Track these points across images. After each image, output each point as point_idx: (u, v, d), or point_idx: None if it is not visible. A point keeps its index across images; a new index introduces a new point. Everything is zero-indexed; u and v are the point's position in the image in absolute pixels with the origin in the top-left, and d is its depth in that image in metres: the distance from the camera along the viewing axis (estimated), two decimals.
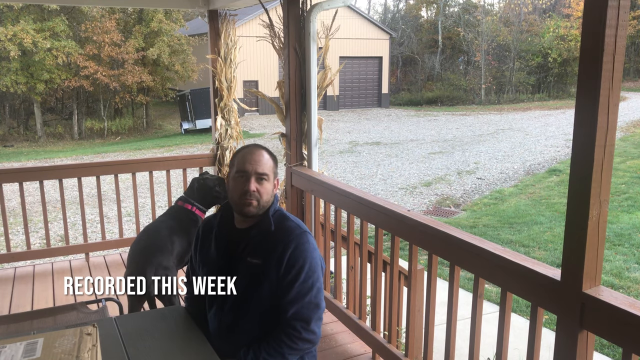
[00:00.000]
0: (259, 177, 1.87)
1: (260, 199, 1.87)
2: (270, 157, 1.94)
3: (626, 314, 1.50)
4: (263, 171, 1.88)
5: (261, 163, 1.88)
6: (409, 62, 37.15)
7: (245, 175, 1.87)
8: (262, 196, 1.87)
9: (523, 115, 24.28)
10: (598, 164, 1.52)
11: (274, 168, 1.94)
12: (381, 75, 30.24)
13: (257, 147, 1.94)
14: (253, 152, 1.91)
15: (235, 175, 1.90)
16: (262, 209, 1.90)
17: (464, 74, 33.88)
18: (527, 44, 32.31)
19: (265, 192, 1.88)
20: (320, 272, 1.90)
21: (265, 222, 1.90)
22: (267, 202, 1.90)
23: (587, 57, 1.50)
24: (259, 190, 1.87)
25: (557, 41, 30.95)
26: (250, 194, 1.85)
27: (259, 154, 1.91)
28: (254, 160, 1.88)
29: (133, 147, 18.78)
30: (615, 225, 8.07)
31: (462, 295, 3.89)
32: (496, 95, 31.67)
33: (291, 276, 1.84)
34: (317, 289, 1.87)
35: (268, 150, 1.96)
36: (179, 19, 23.35)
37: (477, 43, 32.29)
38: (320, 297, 1.88)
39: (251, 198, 1.86)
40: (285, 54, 3.59)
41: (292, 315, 1.83)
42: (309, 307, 1.84)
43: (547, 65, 31.53)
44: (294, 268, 1.84)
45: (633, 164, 12.55)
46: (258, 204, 1.87)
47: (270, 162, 1.92)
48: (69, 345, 1.37)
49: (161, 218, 3.18)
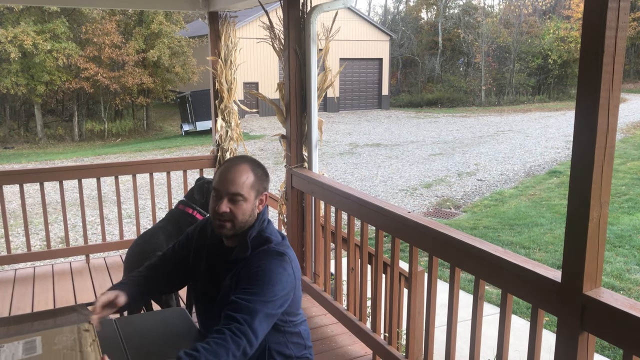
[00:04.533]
0: (232, 197, 1.75)
1: (235, 220, 1.76)
2: (252, 172, 1.79)
3: (627, 316, 1.50)
4: (236, 191, 1.75)
5: (235, 182, 1.75)
6: (409, 64, 37.18)
7: (218, 195, 1.77)
8: (237, 217, 1.76)
9: (523, 117, 24.29)
10: (598, 166, 1.52)
11: (256, 184, 1.80)
12: (381, 77, 30.27)
13: (236, 164, 1.80)
14: (229, 170, 1.78)
15: (212, 193, 1.80)
16: (240, 230, 1.79)
17: (464, 76, 33.91)
18: (527, 46, 32.34)
19: (240, 212, 1.76)
20: (278, 294, 1.70)
21: (242, 247, 1.80)
22: (243, 222, 1.78)
23: (587, 59, 1.50)
24: (232, 211, 1.75)
25: (557, 43, 30.98)
26: (221, 215, 1.75)
27: (236, 171, 1.77)
28: (229, 179, 1.76)
29: (133, 148, 18.79)
30: (616, 226, 8.07)
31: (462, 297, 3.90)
32: (496, 96, 31.69)
33: (245, 281, 1.72)
34: (262, 301, 1.67)
35: (252, 165, 1.82)
36: (180, 21, 23.38)
37: (477, 45, 32.32)
38: (260, 307, 1.66)
39: (223, 219, 1.76)
40: (285, 56, 3.60)
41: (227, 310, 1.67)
42: (246, 308, 1.64)
43: (547, 67, 31.56)
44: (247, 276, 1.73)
45: (633, 166, 12.55)
46: (233, 225, 1.77)
47: (250, 180, 1.77)
48: (69, 342, 1.37)
49: (160, 223, 3.18)
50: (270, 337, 1.84)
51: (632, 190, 10.36)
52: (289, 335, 1.90)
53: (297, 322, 1.93)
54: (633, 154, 14.00)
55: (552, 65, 31.23)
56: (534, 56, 31.89)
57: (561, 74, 31.75)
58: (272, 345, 1.86)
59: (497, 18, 35.66)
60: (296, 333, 1.93)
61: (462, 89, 32.23)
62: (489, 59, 32.12)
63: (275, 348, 1.87)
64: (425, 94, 33.08)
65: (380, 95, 30.48)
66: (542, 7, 36.82)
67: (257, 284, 1.69)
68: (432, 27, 38.45)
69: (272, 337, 1.84)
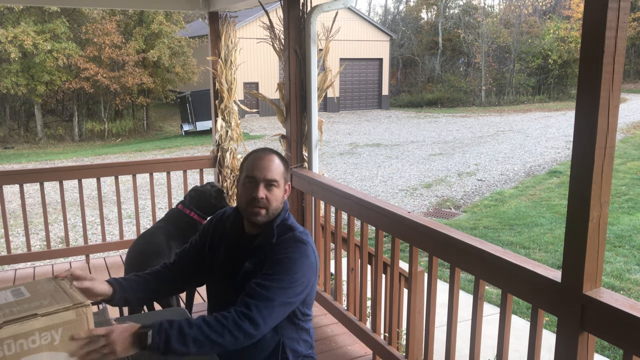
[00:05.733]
0: (268, 183, 1.80)
1: (269, 207, 1.81)
2: (282, 161, 1.87)
3: (627, 316, 1.50)
4: (273, 177, 1.81)
5: (271, 169, 1.81)
6: (409, 64, 37.18)
7: (253, 182, 1.80)
8: (271, 203, 1.81)
9: (523, 117, 24.29)
10: (598, 166, 1.52)
11: (285, 173, 1.87)
12: (381, 77, 30.27)
13: (267, 152, 1.87)
14: (262, 157, 1.84)
15: (244, 181, 1.83)
16: (272, 216, 1.84)
17: (464, 76, 33.91)
18: (527, 46, 32.34)
19: (274, 199, 1.81)
20: (299, 280, 1.74)
21: (268, 233, 1.84)
22: (276, 209, 1.84)
23: (587, 59, 1.50)
24: (267, 198, 1.80)
25: (558, 43, 30.98)
26: (259, 201, 1.79)
27: (269, 159, 1.84)
28: (263, 166, 1.81)
29: (133, 148, 18.79)
30: (616, 226, 8.07)
31: (462, 297, 3.90)
32: (496, 96, 31.69)
33: (267, 266, 1.76)
34: (280, 287, 1.70)
35: (279, 155, 1.89)
36: (180, 21, 23.38)
37: (478, 45, 32.32)
38: (277, 295, 1.69)
39: (260, 205, 1.79)
40: (285, 56, 3.60)
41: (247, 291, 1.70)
42: (260, 295, 1.67)
43: (548, 67, 31.55)
44: (273, 263, 1.76)
45: (633, 166, 12.55)
46: (267, 212, 1.81)
47: (281, 168, 1.85)
48: (50, 287, 1.47)
49: (159, 223, 3.19)
50: (286, 332, 1.86)
51: (632, 190, 10.36)
52: (300, 331, 1.92)
53: (309, 318, 1.97)
54: (633, 154, 14.00)
55: (552, 65, 31.23)
56: (534, 56, 31.89)
57: (561, 74, 31.75)
58: (286, 341, 1.88)
59: (497, 18, 35.66)
60: (306, 330, 1.96)
61: (462, 89, 32.23)
62: (489, 59, 32.12)
63: (289, 344, 1.89)
64: (426, 94, 33.08)
65: (380, 95, 30.48)
66: (542, 7, 36.80)
67: (279, 270, 1.73)
68: (432, 27, 38.44)
69: (287, 331, 1.87)
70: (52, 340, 1.33)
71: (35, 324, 1.30)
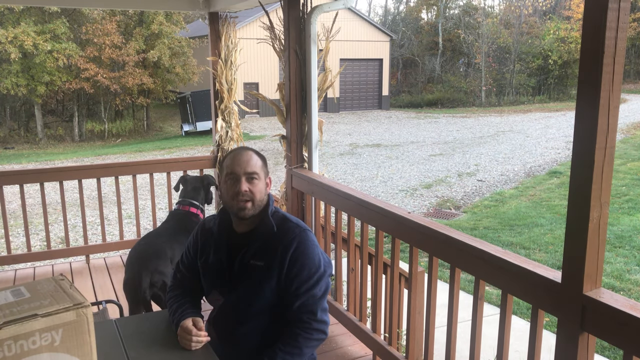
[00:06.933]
0: (249, 176, 1.87)
1: (254, 198, 1.87)
2: (258, 156, 1.95)
3: (627, 316, 1.50)
4: (253, 170, 1.88)
5: (250, 163, 1.89)
6: (410, 64, 37.18)
7: (235, 177, 1.87)
8: (255, 195, 1.87)
9: (523, 117, 24.28)
10: (598, 166, 1.52)
11: (264, 167, 1.95)
12: (381, 77, 30.27)
13: (244, 149, 1.95)
14: (240, 154, 1.91)
15: (226, 179, 1.90)
16: (258, 209, 1.90)
17: (465, 76, 33.91)
18: (527, 46, 32.33)
19: (257, 191, 1.88)
20: (322, 266, 1.92)
21: (266, 224, 1.91)
22: (261, 201, 1.90)
23: (587, 59, 1.50)
24: (251, 190, 1.87)
25: (558, 43, 30.97)
26: (243, 194, 1.85)
27: (247, 154, 1.91)
28: (242, 161, 1.89)
29: (133, 149, 18.79)
30: (616, 227, 8.06)
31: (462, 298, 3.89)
32: (496, 97, 31.68)
33: (294, 272, 1.86)
34: (319, 283, 1.89)
35: (255, 151, 1.97)
36: (180, 21, 23.38)
37: (478, 45, 32.32)
38: (322, 288, 1.90)
39: (245, 199, 1.86)
40: (285, 56, 3.60)
41: (297, 308, 1.86)
42: (313, 299, 1.87)
43: (548, 67, 31.55)
44: (296, 265, 1.86)
45: (633, 166, 12.54)
46: (253, 204, 1.87)
47: (259, 162, 1.93)
48: (50, 287, 1.47)
49: (164, 225, 3.20)
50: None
51: (632, 190, 10.36)
52: None
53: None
54: (633, 155, 14.00)
55: (552, 65, 31.22)
56: (534, 57, 31.88)
57: (561, 75, 31.74)
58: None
59: (497, 19, 35.66)
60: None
61: (463, 89, 32.23)
62: (489, 59, 32.11)
63: None
64: (426, 94, 33.08)
65: (380, 95, 30.48)
66: (542, 8, 36.82)
67: (304, 275, 1.87)
68: (433, 28, 38.45)
69: None
70: (53, 340, 1.33)
71: (35, 325, 1.30)
